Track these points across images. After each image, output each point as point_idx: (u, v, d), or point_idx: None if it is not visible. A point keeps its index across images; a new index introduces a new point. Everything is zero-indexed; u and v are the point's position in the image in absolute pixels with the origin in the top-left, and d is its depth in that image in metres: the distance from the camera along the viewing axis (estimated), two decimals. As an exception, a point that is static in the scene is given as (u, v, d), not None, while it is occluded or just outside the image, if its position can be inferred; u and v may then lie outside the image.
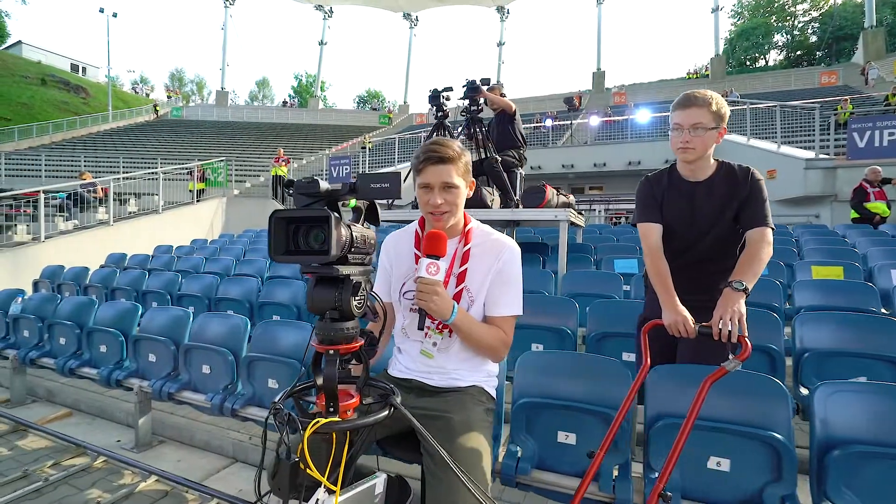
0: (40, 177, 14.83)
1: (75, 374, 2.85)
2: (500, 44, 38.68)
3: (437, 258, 1.16)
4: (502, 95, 4.49)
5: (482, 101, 4.33)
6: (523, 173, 4.73)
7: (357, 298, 0.93)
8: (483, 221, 1.44)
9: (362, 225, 1.00)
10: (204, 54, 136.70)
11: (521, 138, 4.53)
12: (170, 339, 2.57)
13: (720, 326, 1.30)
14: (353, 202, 0.98)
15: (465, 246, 1.33)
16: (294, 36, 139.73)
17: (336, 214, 0.85)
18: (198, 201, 10.64)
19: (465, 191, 1.29)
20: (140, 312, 2.90)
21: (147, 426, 2.58)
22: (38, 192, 7.00)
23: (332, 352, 0.92)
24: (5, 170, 14.86)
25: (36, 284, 5.07)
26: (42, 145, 21.52)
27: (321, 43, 40.75)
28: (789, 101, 12.07)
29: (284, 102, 42.88)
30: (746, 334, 1.28)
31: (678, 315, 1.43)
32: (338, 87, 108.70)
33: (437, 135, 4.60)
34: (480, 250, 1.33)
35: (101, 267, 5.71)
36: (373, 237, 1.00)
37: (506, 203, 4.21)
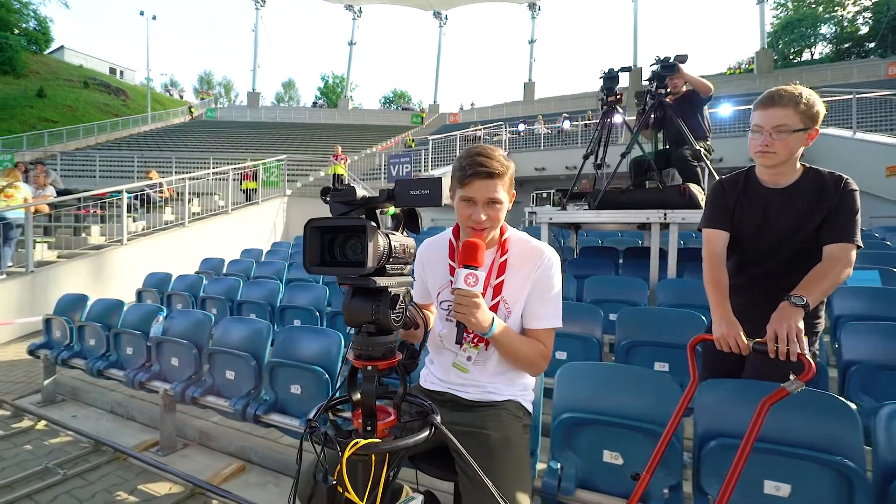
0: (94, 177, 14.65)
1: (261, 421, 2.22)
2: (531, 41, 37.76)
3: (475, 269, 1.06)
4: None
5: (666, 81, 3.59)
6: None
7: (395, 312, 0.87)
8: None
9: (402, 233, 0.94)
10: (230, 56, 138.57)
11: (708, 126, 3.78)
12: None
13: (776, 344, 1.18)
14: (391, 210, 0.90)
15: (501, 256, 1.25)
16: (319, 37, 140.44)
17: (373, 223, 0.80)
18: (262, 201, 10.16)
19: (507, 205, 1.20)
20: (343, 344, 2.25)
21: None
22: (121, 190, 6.52)
23: (369, 368, 0.87)
24: (60, 170, 14.70)
25: (140, 294, 4.52)
26: (88, 146, 21.55)
27: (350, 43, 40.41)
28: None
29: (314, 103, 42.77)
30: (807, 352, 1.17)
31: (730, 329, 1.29)
32: (364, 87, 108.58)
33: (608, 121, 3.90)
34: (518, 260, 1.25)
35: (198, 273, 5.16)
36: (412, 246, 0.94)
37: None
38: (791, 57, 35.28)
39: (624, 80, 3.89)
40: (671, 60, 3.48)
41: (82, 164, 16.64)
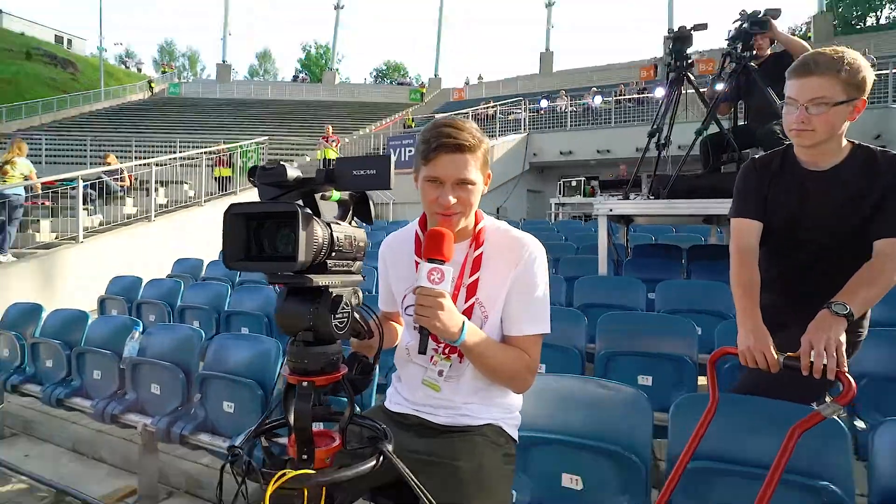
0: (40, 163, 14.47)
1: (271, 468, 2.04)
2: (549, 4, 37.66)
3: (442, 262, 1.01)
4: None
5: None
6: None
7: (338, 316, 0.83)
8: None
9: (350, 223, 0.91)
10: (195, 23, 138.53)
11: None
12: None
13: (812, 359, 1.13)
14: (335, 194, 0.87)
15: (476, 250, 1.21)
16: (298, 1, 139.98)
17: (307, 210, 0.77)
18: (240, 191, 10.01)
19: (481, 187, 1.17)
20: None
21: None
22: (75, 178, 6.33)
23: (305, 384, 0.82)
24: None
25: (103, 303, 4.34)
26: (32, 127, 21.45)
27: (337, 7, 40.29)
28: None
29: (295, 77, 42.69)
30: (847, 369, 1.10)
31: (758, 341, 1.24)
32: (352, 58, 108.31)
33: (675, 92, 3.72)
34: (495, 254, 1.20)
35: (172, 276, 4.98)
36: (362, 238, 0.91)
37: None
38: (853, 22, 35.10)
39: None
40: (761, 15, 3.29)
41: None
